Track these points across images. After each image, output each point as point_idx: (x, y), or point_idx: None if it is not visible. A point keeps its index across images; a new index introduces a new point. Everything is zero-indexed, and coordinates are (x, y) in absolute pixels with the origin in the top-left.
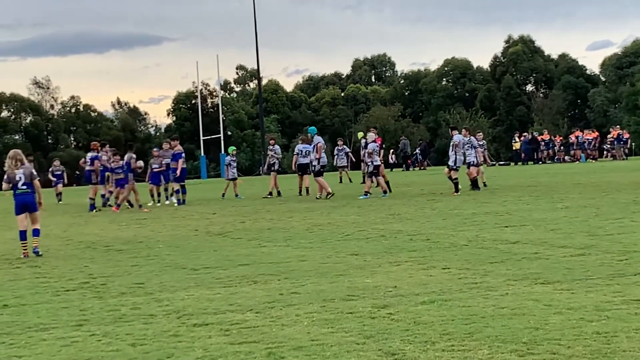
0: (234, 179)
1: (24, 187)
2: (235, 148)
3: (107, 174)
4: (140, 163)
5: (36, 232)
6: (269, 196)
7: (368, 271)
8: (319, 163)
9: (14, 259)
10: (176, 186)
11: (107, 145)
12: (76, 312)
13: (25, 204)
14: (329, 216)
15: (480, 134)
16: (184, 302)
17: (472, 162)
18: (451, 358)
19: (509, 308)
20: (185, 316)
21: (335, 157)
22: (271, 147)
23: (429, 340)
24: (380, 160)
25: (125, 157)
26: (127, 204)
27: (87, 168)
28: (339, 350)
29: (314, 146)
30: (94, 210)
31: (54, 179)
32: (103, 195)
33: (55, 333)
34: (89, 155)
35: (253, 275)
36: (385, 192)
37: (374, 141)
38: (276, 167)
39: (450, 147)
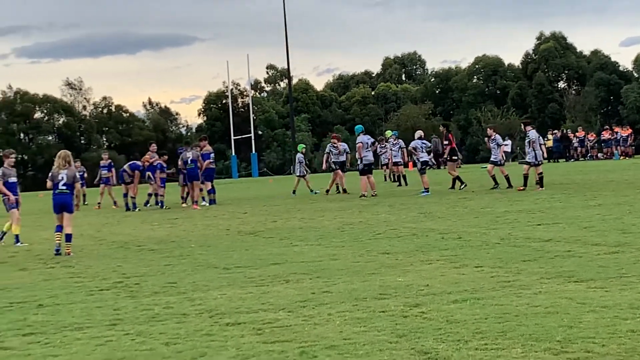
0: (303, 176)
1: (64, 187)
2: (304, 145)
3: (147, 173)
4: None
5: (68, 238)
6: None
7: (400, 270)
8: (361, 162)
9: (49, 259)
10: (208, 186)
11: (154, 144)
12: (110, 311)
13: (62, 204)
14: (360, 215)
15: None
16: (217, 302)
17: (498, 161)
18: (484, 357)
19: (543, 306)
20: (217, 315)
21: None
22: (337, 144)
23: (461, 339)
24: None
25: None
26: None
27: (122, 169)
28: (371, 349)
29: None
30: (136, 210)
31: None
32: (125, 195)
33: (90, 332)
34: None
35: (285, 274)
36: (427, 190)
37: (420, 138)
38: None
39: (527, 144)
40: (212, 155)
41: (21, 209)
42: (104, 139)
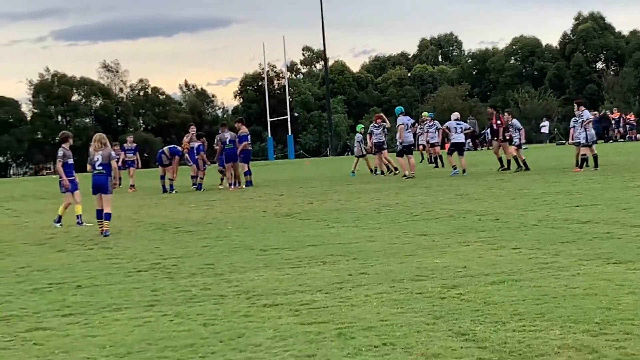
0: (363, 156)
1: (100, 167)
2: (362, 125)
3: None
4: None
5: (107, 217)
6: (382, 174)
7: (437, 251)
8: (401, 144)
9: (87, 241)
10: (244, 168)
11: (193, 126)
12: (148, 292)
13: (99, 185)
14: (397, 196)
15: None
16: (254, 283)
17: (516, 143)
18: (522, 338)
19: (581, 288)
20: (255, 297)
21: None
22: (377, 125)
23: (499, 321)
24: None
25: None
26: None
27: (160, 151)
28: (409, 330)
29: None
30: (173, 192)
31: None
32: (162, 177)
33: (128, 313)
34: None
35: (322, 256)
36: (455, 168)
37: (456, 119)
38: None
39: (579, 124)
40: (249, 137)
41: (52, 191)
42: (141, 121)
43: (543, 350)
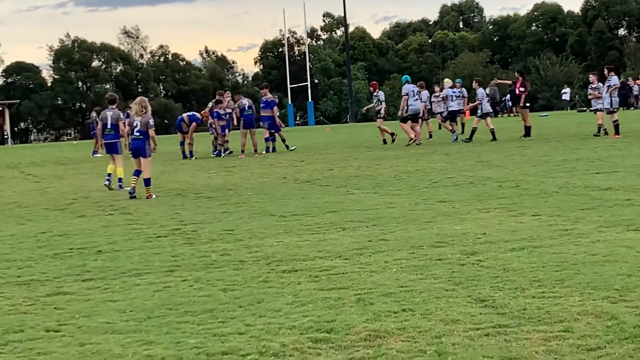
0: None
1: (138, 133)
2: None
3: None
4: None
5: (147, 182)
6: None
7: (457, 218)
8: (406, 112)
9: (107, 206)
10: (266, 134)
11: (228, 92)
12: (168, 257)
13: (137, 149)
14: (417, 163)
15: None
16: (273, 249)
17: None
18: (542, 305)
19: (601, 255)
20: (274, 262)
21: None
22: (375, 93)
23: (518, 287)
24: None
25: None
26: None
27: (179, 117)
28: (428, 296)
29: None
30: (193, 158)
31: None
32: (182, 143)
33: (148, 278)
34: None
35: (341, 222)
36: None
37: (451, 87)
38: (382, 113)
39: (605, 89)
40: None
41: (72, 156)
42: (161, 88)
43: (562, 316)
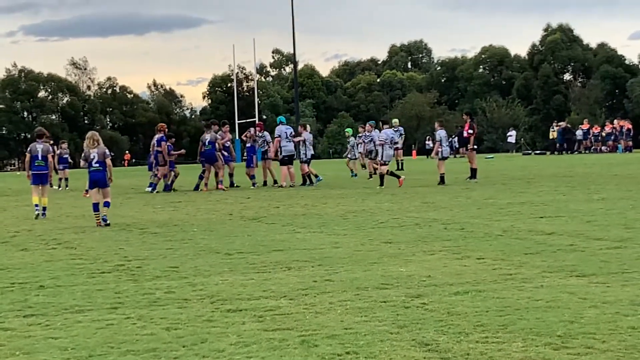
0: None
1: (97, 164)
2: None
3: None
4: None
5: (106, 204)
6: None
7: (402, 260)
8: (281, 153)
9: (50, 240)
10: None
11: (227, 125)
12: (111, 294)
13: (97, 180)
14: (364, 203)
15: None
16: (218, 287)
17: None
18: (485, 350)
19: (544, 300)
20: (219, 301)
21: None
22: (260, 134)
23: (462, 332)
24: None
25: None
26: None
27: (156, 149)
28: (372, 339)
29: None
30: (170, 191)
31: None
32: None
33: (91, 315)
34: (157, 137)
35: (287, 261)
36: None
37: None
38: (268, 154)
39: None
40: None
41: (15, 188)
42: (108, 120)
43: None
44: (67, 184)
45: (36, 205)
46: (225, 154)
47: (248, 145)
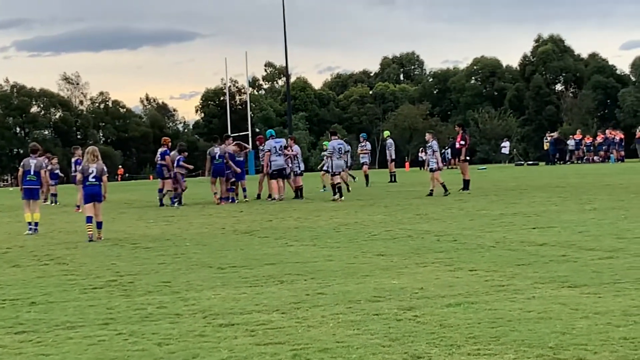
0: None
1: (94, 179)
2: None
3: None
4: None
5: (99, 225)
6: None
7: (394, 272)
8: (270, 167)
9: (43, 256)
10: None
11: (241, 141)
12: (103, 310)
13: (93, 195)
14: (356, 215)
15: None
16: (210, 302)
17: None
18: None
19: (536, 312)
20: (211, 316)
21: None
22: (261, 147)
23: (454, 344)
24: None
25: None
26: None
27: (159, 162)
28: (365, 352)
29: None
30: (167, 206)
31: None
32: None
33: (82, 332)
34: (160, 150)
35: (279, 275)
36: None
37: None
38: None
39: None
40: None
41: (8, 204)
42: (101, 134)
43: None
44: (56, 199)
45: (29, 224)
46: (239, 170)
47: (240, 158)
